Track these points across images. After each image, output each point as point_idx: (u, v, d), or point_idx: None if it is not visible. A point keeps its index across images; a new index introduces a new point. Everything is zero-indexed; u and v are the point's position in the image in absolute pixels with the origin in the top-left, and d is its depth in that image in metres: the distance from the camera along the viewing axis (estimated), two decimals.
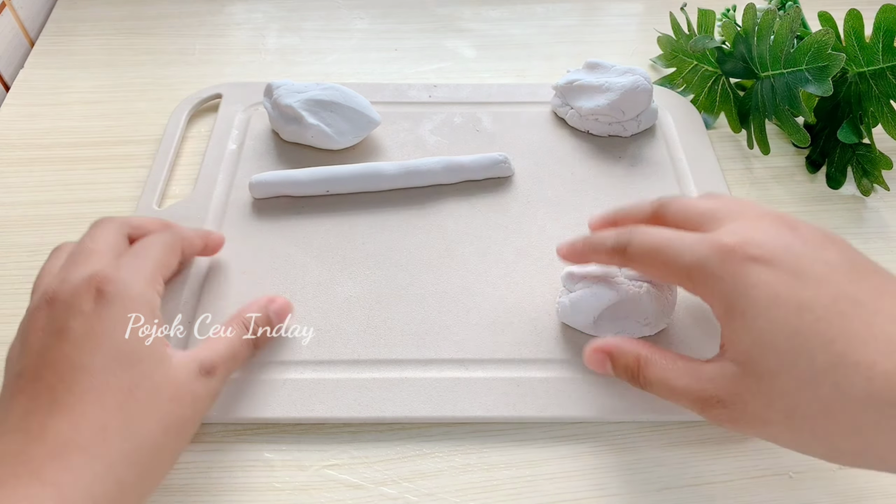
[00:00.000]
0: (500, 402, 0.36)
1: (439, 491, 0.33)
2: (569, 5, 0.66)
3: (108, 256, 0.33)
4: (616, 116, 0.48)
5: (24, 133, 0.51)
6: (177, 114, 0.51)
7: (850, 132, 0.46)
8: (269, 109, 0.48)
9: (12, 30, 0.59)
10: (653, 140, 0.50)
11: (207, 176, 0.47)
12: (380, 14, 0.64)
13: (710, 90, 0.52)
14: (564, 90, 0.51)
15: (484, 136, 0.50)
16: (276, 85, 0.48)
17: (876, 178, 0.47)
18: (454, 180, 0.46)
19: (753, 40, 0.47)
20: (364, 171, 0.45)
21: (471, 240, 0.43)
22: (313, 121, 0.47)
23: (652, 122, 0.50)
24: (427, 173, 0.46)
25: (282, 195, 0.45)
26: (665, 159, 0.49)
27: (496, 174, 0.47)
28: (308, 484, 0.34)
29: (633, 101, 0.48)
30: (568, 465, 0.34)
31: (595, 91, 0.49)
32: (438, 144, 0.50)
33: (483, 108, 0.52)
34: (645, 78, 0.48)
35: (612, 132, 0.50)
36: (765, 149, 0.49)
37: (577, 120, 0.50)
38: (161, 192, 0.46)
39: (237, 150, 0.49)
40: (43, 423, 0.27)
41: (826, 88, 0.43)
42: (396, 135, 0.50)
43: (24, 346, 0.30)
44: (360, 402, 0.36)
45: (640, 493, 0.34)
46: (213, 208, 0.45)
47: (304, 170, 0.45)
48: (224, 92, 0.53)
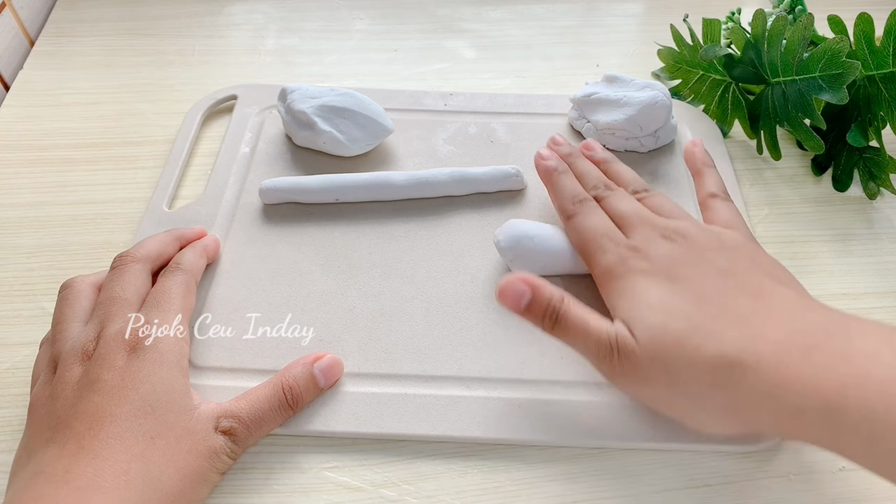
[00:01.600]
0: (500, 424, 0.35)
1: (439, 493, 0.33)
2: (569, 5, 0.66)
3: (136, 304, 0.35)
4: (633, 132, 0.48)
5: (24, 134, 0.51)
6: (192, 114, 0.51)
7: (859, 135, 0.46)
8: (282, 114, 0.48)
9: (12, 30, 0.58)
10: (671, 156, 0.49)
11: (219, 179, 0.46)
12: (380, 15, 0.64)
13: (720, 98, 0.52)
14: (582, 103, 0.50)
15: (498, 147, 0.50)
16: (291, 89, 0.48)
17: (883, 181, 0.47)
18: (465, 192, 0.46)
19: (764, 46, 0.47)
20: (374, 181, 0.45)
21: (479, 254, 0.43)
22: (326, 127, 0.46)
23: (670, 138, 0.49)
24: (437, 185, 0.45)
25: (291, 202, 0.45)
26: (682, 176, 0.48)
27: (508, 187, 0.46)
28: (308, 486, 0.33)
29: (651, 117, 0.47)
30: (567, 466, 0.34)
31: (613, 105, 0.48)
32: (451, 154, 0.49)
33: (498, 118, 0.52)
34: (664, 94, 0.47)
35: (630, 147, 0.49)
36: (776, 154, 0.49)
37: (593, 134, 0.49)
38: (172, 194, 0.46)
39: (249, 154, 0.48)
40: (68, 466, 0.28)
41: (842, 96, 0.43)
42: (409, 143, 0.50)
43: (56, 398, 0.31)
44: (358, 417, 0.35)
45: (639, 495, 0.33)
46: (223, 212, 0.45)
47: (315, 177, 0.45)
48: (239, 94, 0.52)
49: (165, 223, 0.44)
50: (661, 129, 0.48)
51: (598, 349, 0.33)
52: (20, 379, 0.37)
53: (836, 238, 0.45)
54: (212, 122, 0.52)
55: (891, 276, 0.44)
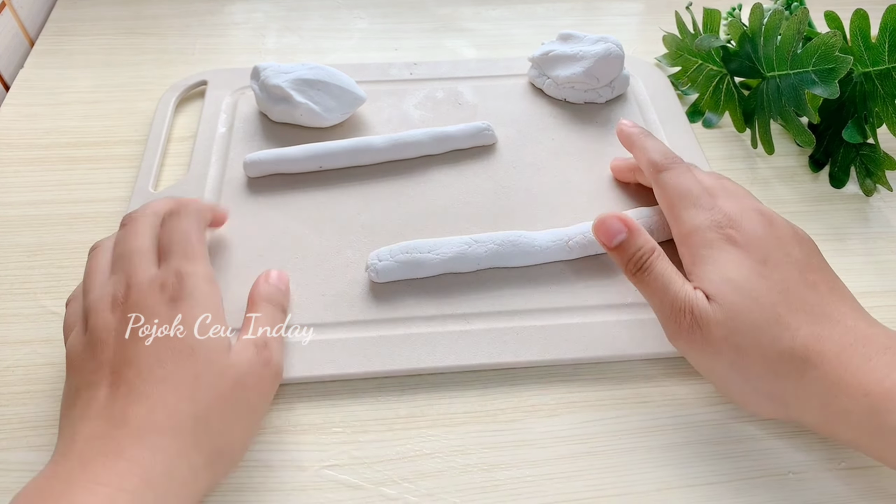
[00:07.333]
0: (503, 350, 0.38)
1: (439, 491, 0.33)
2: (569, 5, 0.66)
3: (155, 253, 0.35)
4: (591, 83, 0.50)
5: (24, 133, 0.51)
6: (164, 101, 0.52)
7: (856, 132, 0.46)
8: (256, 91, 0.50)
9: (12, 30, 0.59)
10: (626, 105, 0.53)
11: (200, 158, 0.48)
12: (380, 14, 0.64)
13: (714, 89, 0.52)
14: (540, 61, 0.53)
15: (466, 109, 0.52)
16: (263, 67, 0.50)
17: (879, 178, 0.47)
18: (441, 150, 0.48)
19: (760, 40, 0.47)
20: (355, 146, 0.47)
21: (461, 205, 0.45)
22: (302, 99, 0.48)
23: (624, 88, 0.52)
24: (415, 144, 0.47)
25: (276, 173, 0.46)
26: (639, 122, 0.51)
27: (481, 142, 0.49)
28: (308, 484, 0.33)
29: (607, 68, 0.50)
30: (567, 465, 0.34)
31: (570, 60, 0.51)
32: (423, 118, 0.51)
33: (463, 82, 0.54)
34: (617, 45, 0.50)
35: (588, 99, 0.52)
36: (769, 149, 0.49)
37: (553, 89, 0.52)
38: (156, 175, 0.47)
39: (227, 133, 0.50)
40: (124, 409, 0.29)
41: (833, 91, 0.43)
42: (381, 111, 0.52)
43: (95, 345, 0.32)
44: (370, 358, 0.37)
45: (639, 493, 0.33)
46: (209, 188, 0.46)
47: (297, 147, 0.47)
48: (209, 78, 0.54)
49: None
50: (616, 79, 0.51)
51: (673, 310, 0.34)
52: (20, 377, 0.37)
53: (832, 235, 0.46)
54: (186, 108, 0.53)
55: (887, 274, 0.44)
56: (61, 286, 0.41)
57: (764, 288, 0.33)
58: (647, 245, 0.35)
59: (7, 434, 0.35)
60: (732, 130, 0.52)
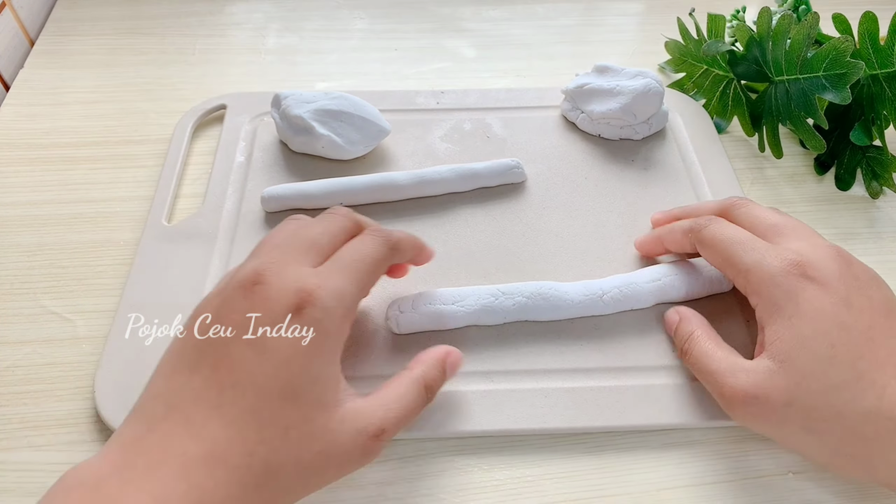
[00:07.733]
0: (530, 415, 0.35)
1: (439, 491, 0.33)
2: (569, 5, 0.66)
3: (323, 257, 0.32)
4: (627, 120, 0.48)
5: (24, 133, 0.51)
6: (181, 126, 0.50)
7: (863, 134, 0.46)
8: (277, 120, 0.48)
9: (12, 30, 0.58)
10: (664, 143, 0.50)
11: (216, 189, 0.46)
12: (380, 14, 0.64)
13: (722, 94, 0.52)
14: (574, 94, 0.50)
15: (494, 142, 0.50)
16: (284, 95, 0.47)
17: (886, 180, 0.47)
18: (468, 188, 0.46)
19: (768, 44, 0.47)
20: (377, 182, 0.45)
21: (487, 249, 0.43)
22: (324, 131, 0.46)
23: (663, 124, 0.50)
24: (440, 182, 0.45)
25: (294, 208, 0.44)
26: (677, 162, 0.48)
27: (509, 180, 0.46)
28: None
29: (645, 104, 0.47)
30: (567, 465, 0.34)
31: (606, 95, 0.48)
32: (449, 152, 0.49)
33: (492, 113, 0.52)
34: (656, 81, 0.48)
35: (624, 135, 0.49)
36: (777, 153, 0.49)
37: (587, 124, 0.50)
38: (170, 208, 0.45)
39: (245, 162, 0.48)
40: (206, 417, 0.27)
41: (844, 96, 0.43)
42: (406, 143, 0.49)
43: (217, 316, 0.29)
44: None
45: (639, 494, 0.33)
46: (225, 222, 0.44)
47: (317, 182, 0.45)
48: (228, 103, 0.52)
49: (166, 238, 0.43)
50: (654, 116, 0.49)
51: (720, 393, 0.32)
52: (20, 377, 0.37)
53: (838, 238, 0.45)
54: (201, 133, 0.51)
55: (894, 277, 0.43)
56: (61, 286, 0.41)
57: (846, 341, 0.30)
58: (687, 329, 0.35)
59: (7, 434, 0.35)
60: (737, 132, 0.52)
